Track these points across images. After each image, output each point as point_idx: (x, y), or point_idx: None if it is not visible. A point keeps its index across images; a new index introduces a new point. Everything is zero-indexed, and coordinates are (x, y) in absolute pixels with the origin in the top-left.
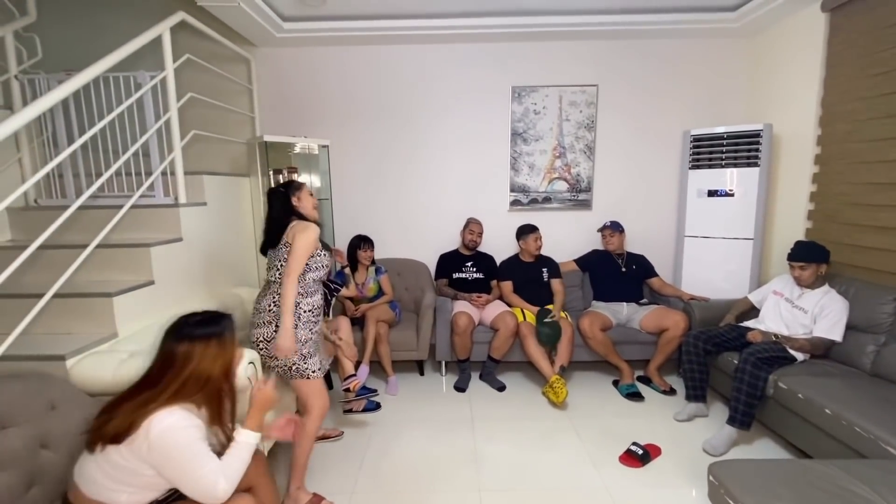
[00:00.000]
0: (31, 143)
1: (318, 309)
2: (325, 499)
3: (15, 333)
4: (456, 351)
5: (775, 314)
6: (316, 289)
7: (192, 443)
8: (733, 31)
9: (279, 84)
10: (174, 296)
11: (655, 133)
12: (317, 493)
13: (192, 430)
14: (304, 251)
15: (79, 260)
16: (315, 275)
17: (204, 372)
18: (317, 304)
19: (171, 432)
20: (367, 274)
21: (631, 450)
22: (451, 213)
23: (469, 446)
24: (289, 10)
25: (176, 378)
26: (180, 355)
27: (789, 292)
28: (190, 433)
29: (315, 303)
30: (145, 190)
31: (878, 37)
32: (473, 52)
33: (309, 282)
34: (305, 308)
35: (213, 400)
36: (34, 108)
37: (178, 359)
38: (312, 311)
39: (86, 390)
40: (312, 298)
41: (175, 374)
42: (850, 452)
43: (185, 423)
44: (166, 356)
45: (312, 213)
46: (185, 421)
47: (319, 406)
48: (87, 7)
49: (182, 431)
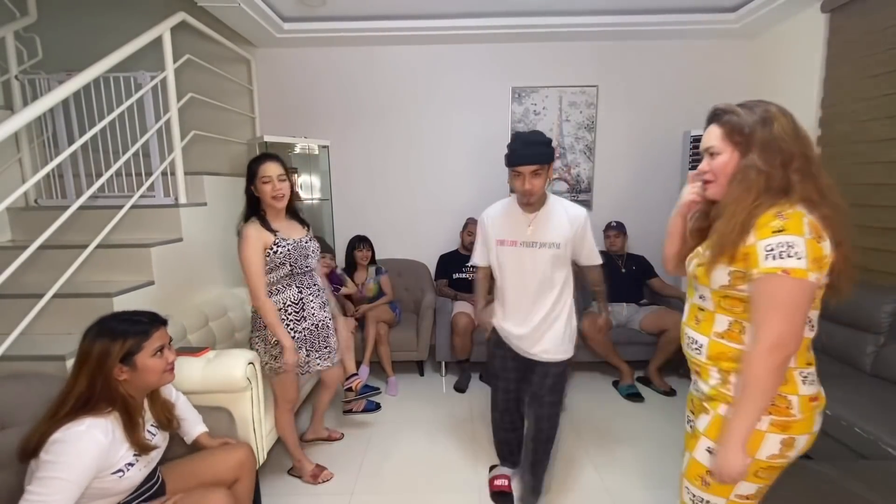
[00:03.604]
0: (31, 144)
1: (297, 304)
2: (327, 469)
3: (15, 333)
4: (456, 351)
5: None
6: (286, 285)
7: (75, 468)
8: (733, 32)
9: (279, 84)
10: (174, 296)
11: (655, 134)
12: (319, 464)
13: (84, 455)
14: (250, 266)
15: (79, 260)
16: (278, 273)
17: (106, 373)
18: (291, 299)
19: (64, 444)
20: (367, 274)
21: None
22: (451, 213)
23: (469, 447)
24: (289, 10)
25: (79, 377)
26: (84, 352)
27: None
28: (82, 457)
29: (288, 299)
30: (145, 190)
31: (878, 38)
32: (473, 53)
33: (274, 281)
34: (279, 306)
35: (124, 405)
36: (34, 109)
37: (82, 356)
38: (285, 308)
39: None
40: (282, 296)
41: (79, 372)
42: (850, 453)
43: (84, 440)
44: (77, 356)
45: (271, 202)
46: (85, 439)
47: (283, 397)
48: (87, 7)
49: (74, 447)
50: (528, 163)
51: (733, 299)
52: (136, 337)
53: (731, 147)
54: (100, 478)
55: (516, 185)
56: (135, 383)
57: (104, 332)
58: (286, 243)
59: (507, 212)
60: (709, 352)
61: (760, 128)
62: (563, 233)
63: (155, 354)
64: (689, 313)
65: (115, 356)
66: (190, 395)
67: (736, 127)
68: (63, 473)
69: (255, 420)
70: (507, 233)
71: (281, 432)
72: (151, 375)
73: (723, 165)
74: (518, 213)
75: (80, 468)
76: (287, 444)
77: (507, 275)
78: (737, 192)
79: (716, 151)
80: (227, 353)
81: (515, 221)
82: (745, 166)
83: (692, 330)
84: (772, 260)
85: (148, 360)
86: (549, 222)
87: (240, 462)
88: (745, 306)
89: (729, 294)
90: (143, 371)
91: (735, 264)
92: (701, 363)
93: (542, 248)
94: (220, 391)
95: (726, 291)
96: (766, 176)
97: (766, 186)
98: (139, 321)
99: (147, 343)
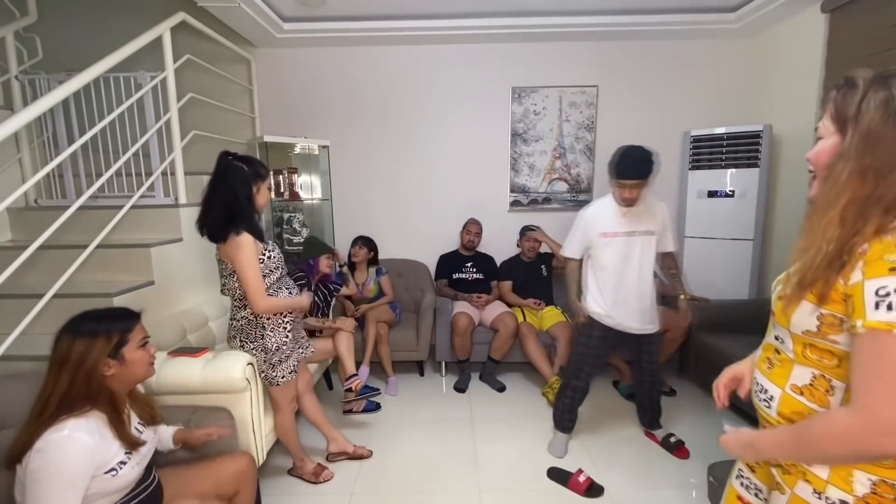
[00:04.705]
0: (31, 144)
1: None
2: (328, 469)
3: (15, 333)
4: (456, 351)
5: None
6: (275, 289)
7: (65, 475)
8: (733, 32)
9: (279, 84)
10: (174, 296)
11: (655, 134)
12: (320, 462)
13: (71, 462)
14: (249, 271)
15: (79, 260)
16: (270, 279)
17: (88, 371)
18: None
19: (49, 453)
20: (368, 275)
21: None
22: (451, 213)
23: (469, 447)
24: (289, 10)
25: (59, 379)
26: (62, 353)
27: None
28: (67, 465)
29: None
30: (145, 190)
31: (878, 37)
32: (473, 53)
33: (266, 287)
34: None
35: (107, 403)
36: (34, 109)
37: (61, 357)
38: (279, 314)
39: None
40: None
41: (59, 374)
42: None
43: (70, 447)
44: (53, 354)
45: (262, 208)
46: (71, 445)
47: (284, 401)
48: (87, 7)
49: (59, 455)
50: (633, 178)
51: (822, 350)
52: (120, 331)
53: (835, 129)
54: (94, 477)
55: (620, 194)
56: (121, 377)
57: (83, 331)
58: (273, 248)
59: (609, 209)
60: (780, 407)
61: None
62: (656, 222)
63: (140, 347)
64: (763, 352)
65: (102, 351)
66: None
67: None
68: (57, 481)
69: (254, 420)
70: (611, 226)
71: (282, 435)
72: (139, 367)
73: (815, 154)
74: (618, 209)
75: (72, 472)
76: (288, 446)
77: (613, 263)
78: (825, 196)
79: (820, 134)
80: (227, 353)
81: (616, 216)
82: (838, 157)
83: (762, 375)
84: (885, 311)
85: (135, 352)
86: (645, 214)
87: (240, 472)
88: (839, 360)
89: (816, 344)
90: (130, 364)
91: (827, 305)
92: (771, 419)
93: (641, 236)
94: (220, 391)
95: (812, 340)
96: (862, 177)
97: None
98: (118, 316)
99: (132, 335)
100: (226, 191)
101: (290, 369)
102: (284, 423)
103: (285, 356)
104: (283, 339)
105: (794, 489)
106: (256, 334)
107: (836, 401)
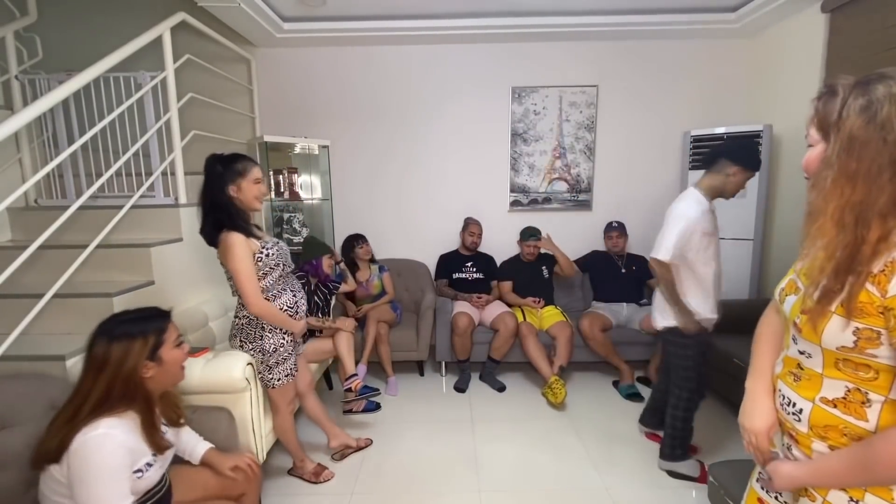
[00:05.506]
0: (31, 143)
1: (293, 307)
2: (328, 468)
3: (15, 333)
4: (456, 351)
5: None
6: (280, 290)
7: (107, 470)
8: (733, 32)
9: (279, 84)
10: (174, 296)
11: (655, 134)
12: (320, 463)
13: (111, 456)
14: (245, 272)
15: (79, 260)
16: (272, 276)
17: (127, 374)
18: (287, 304)
19: (88, 451)
20: (371, 271)
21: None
22: (451, 213)
23: (469, 447)
24: (289, 10)
25: (97, 383)
26: (100, 357)
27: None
28: (107, 459)
29: (284, 304)
30: (145, 190)
31: (878, 37)
32: (473, 53)
33: (269, 286)
34: None
35: (143, 405)
36: (34, 109)
37: (98, 361)
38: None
39: None
40: (278, 302)
41: (96, 378)
42: None
43: (108, 443)
44: (89, 359)
45: (253, 204)
46: (108, 441)
47: (283, 402)
48: (87, 7)
49: (98, 452)
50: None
51: (857, 363)
52: (156, 332)
53: (820, 136)
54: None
55: (739, 184)
56: (159, 378)
57: (118, 334)
58: (272, 245)
59: (703, 205)
60: (812, 420)
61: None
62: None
63: (175, 346)
64: (784, 366)
65: (140, 354)
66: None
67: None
68: (101, 476)
69: (254, 420)
70: (709, 224)
71: (281, 436)
72: (175, 367)
73: (806, 162)
74: (708, 205)
75: (114, 465)
76: (288, 446)
77: (716, 262)
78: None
79: (809, 142)
80: (227, 353)
81: (708, 212)
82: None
83: (788, 387)
84: None
85: (171, 351)
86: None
87: (247, 474)
88: (875, 373)
89: (851, 358)
90: (168, 363)
91: (862, 319)
92: (800, 433)
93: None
94: (219, 391)
95: (847, 355)
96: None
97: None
98: (151, 316)
99: (167, 335)
100: (208, 195)
101: (286, 372)
102: (283, 424)
103: (282, 359)
104: (280, 341)
105: (826, 496)
106: (255, 335)
107: (874, 413)
